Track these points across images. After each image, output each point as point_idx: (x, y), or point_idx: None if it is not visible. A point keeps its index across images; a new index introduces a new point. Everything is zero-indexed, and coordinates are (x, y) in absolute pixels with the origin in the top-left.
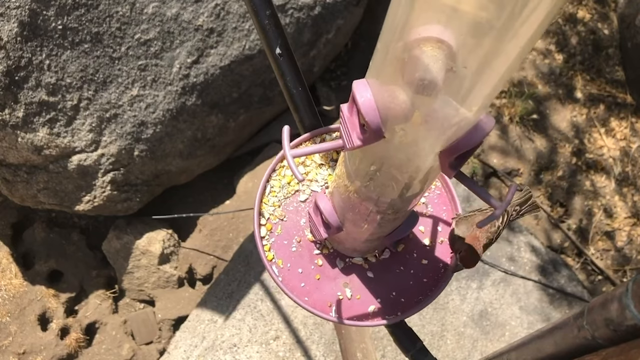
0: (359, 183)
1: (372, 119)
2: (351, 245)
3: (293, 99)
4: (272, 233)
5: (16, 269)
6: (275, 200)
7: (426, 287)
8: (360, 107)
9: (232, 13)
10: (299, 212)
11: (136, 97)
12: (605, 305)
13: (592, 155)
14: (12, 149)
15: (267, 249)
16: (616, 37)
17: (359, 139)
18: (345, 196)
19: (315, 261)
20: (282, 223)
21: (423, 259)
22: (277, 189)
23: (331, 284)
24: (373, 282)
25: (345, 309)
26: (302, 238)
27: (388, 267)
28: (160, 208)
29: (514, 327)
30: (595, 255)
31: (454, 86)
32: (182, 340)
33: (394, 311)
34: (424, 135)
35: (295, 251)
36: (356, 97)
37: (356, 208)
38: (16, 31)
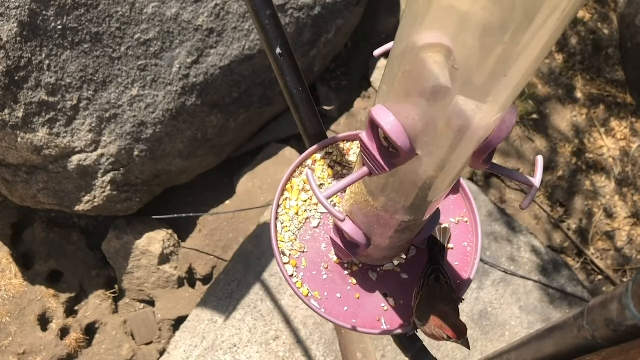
0: (384, 198)
1: (403, 142)
2: (379, 255)
3: (293, 98)
4: (298, 268)
5: (16, 269)
6: (290, 234)
7: (460, 270)
8: (389, 133)
9: (232, 13)
10: (317, 239)
11: (136, 97)
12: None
13: (592, 156)
14: (12, 149)
15: (299, 285)
16: (616, 37)
17: (387, 164)
18: (369, 211)
19: (349, 281)
20: (304, 255)
21: (448, 245)
22: (287, 223)
23: (372, 298)
24: (410, 282)
25: (394, 317)
26: (329, 263)
27: (418, 262)
28: (160, 208)
29: (514, 327)
30: (595, 255)
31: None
32: (182, 340)
33: None
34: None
35: (327, 278)
36: (381, 123)
37: (383, 221)
38: (16, 31)
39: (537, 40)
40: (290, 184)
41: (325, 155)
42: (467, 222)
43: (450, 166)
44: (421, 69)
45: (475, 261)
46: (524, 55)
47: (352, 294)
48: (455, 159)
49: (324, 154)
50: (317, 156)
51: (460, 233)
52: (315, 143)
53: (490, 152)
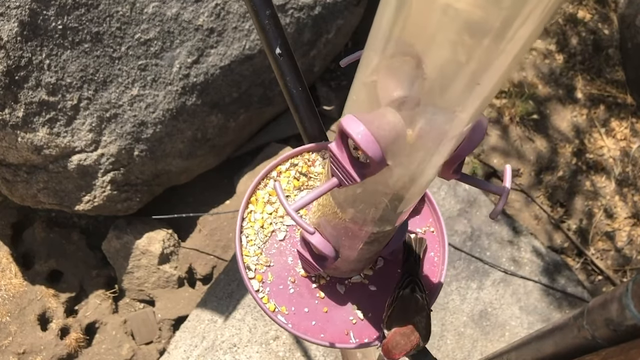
0: (352, 209)
1: (374, 152)
2: (347, 267)
3: (293, 99)
4: (264, 283)
5: (16, 268)
6: (255, 248)
7: (428, 280)
8: (359, 143)
9: (232, 13)
10: (283, 252)
11: (136, 97)
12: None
13: (593, 156)
14: (12, 149)
15: (266, 300)
16: (616, 37)
17: (358, 174)
18: (337, 223)
19: (317, 295)
20: (270, 269)
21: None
22: (252, 236)
23: (340, 312)
24: (378, 294)
25: (363, 330)
26: (296, 277)
27: (386, 274)
28: (160, 208)
29: (514, 327)
30: (595, 255)
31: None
32: (182, 340)
33: None
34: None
35: (294, 292)
36: (351, 133)
37: (351, 233)
38: (16, 31)
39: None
40: (255, 196)
41: (290, 167)
42: (433, 232)
43: (420, 177)
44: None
45: (443, 271)
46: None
47: (320, 308)
48: (425, 169)
49: (288, 165)
50: (282, 167)
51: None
52: (315, 143)
53: (460, 163)
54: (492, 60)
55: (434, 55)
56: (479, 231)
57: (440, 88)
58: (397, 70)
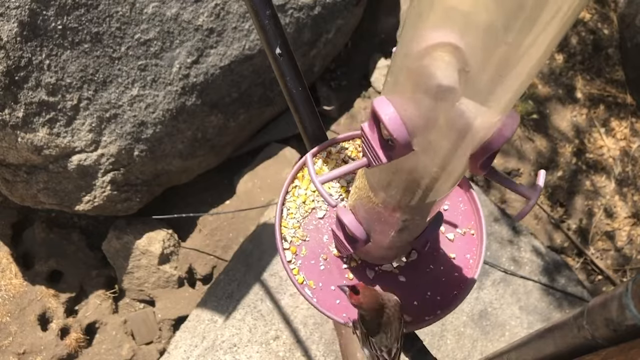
0: (384, 194)
1: (400, 134)
2: (379, 253)
3: (293, 99)
4: (297, 255)
5: (16, 269)
6: (294, 222)
7: (459, 281)
8: (387, 124)
9: (232, 13)
10: (320, 230)
11: (136, 97)
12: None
13: (592, 156)
14: (12, 149)
15: (296, 272)
16: (616, 37)
17: (385, 155)
18: (370, 207)
19: (345, 276)
20: (305, 243)
21: (450, 254)
22: (293, 210)
23: None
24: (406, 286)
25: None
26: (328, 255)
27: (418, 268)
28: (160, 208)
29: (514, 327)
30: (595, 255)
31: (473, 88)
32: (182, 340)
33: (433, 310)
34: (452, 140)
35: (324, 269)
36: (380, 114)
37: (383, 218)
38: (16, 31)
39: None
40: (302, 172)
41: (340, 150)
42: (473, 234)
43: (448, 167)
44: (429, 67)
45: (476, 274)
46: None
47: None
48: (454, 159)
49: (339, 148)
50: (333, 149)
51: (464, 245)
52: (315, 143)
53: (489, 157)
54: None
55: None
56: None
57: (475, 80)
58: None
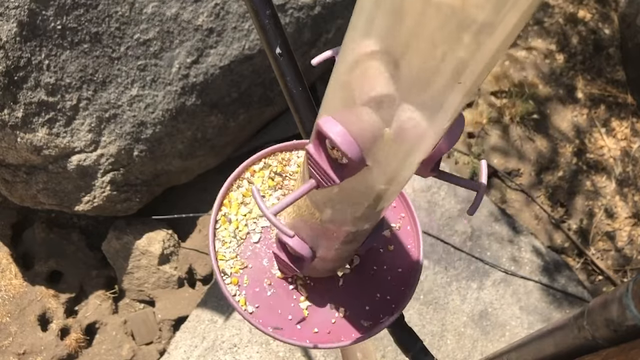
0: (330, 210)
1: (353, 152)
2: (323, 267)
3: (293, 99)
4: (240, 286)
5: (16, 269)
6: (230, 252)
7: (405, 276)
8: (338, 143)
9: (231, 13)
10: (258, 254)
11: (135, 97)
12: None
13: (593, 156)
14: (11, 149)
15: (243, 302)
16: (617, 37)
17: (337, 176)
18: (313, 224)
19: (293, 297)
20: (246, 271)
21: (390, 251)
22: (227, 239)
23: (320, 312)
24: (355, 292)
25: (342, 329)
26: (272, 279)
27: (363, 272)
28: (160, 208)
29: (514, 327)
30: (595, 255)
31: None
32: (182, 340)
33: (387, 311)
34: (401, 150)
35: (271, 294)
36: (328, 134)
37: (329, 233)
38: (15, 31)
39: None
40: (228, 198)
41: (264, 167)
42: (408, 229)
43: (399, 175)
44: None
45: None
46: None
47: (300, 310)
48: (403, 168)
49: (262, 165)
50: (256, 167)
51: (402, 239)
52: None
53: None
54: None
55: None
56: (479, 231)
57: (419, 86)
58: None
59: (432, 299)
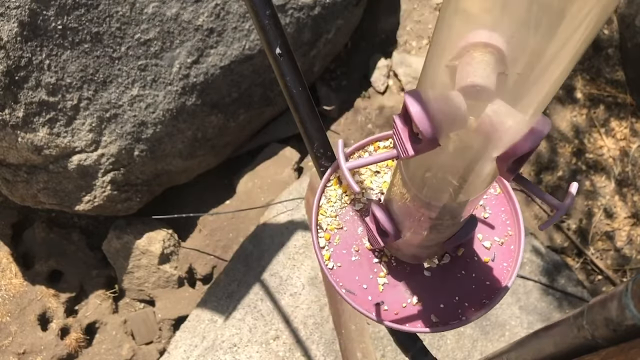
0: (414, 190)
1: (426, 129)
2: (409, 251)
3: (293, 99)
4: (330, 243)
5: (16, 268)
6: (332, 210)
7: (490, 289)
8: (414, 117)
9: (232, 13)
10: (356, 221)
11: (136, 97)
12: (604, 305)
13: (592, 156)
14: (12, 149)
15: (327, 257)
16: (616, 37)
17: (412, 148)
18: (402, 203)
19: (374, 270)
20: (339, 232)
21: (484, 262)
22: (333, 199)
23: (394, 293)
24: (436, 287)
25: (410, 316)
26: (360, 247)
27: (449, 271)
28: (160, 208)
29: (514, 327)
30: (595, 255)
31: (507, 90)
32: (182, 340)
33: (457, 315)
34: (480, 141)
35: (355, 261)
36: (408, 107)
37: (413, 215)
38: (16, 31)
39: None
40: None
41: (389, 146)
42: (512, 248)
43: (476, 168)
44: (468, 66)
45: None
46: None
47: (376, 283)
48: (480, 161)
49: (388, 143)
50: (381, 144)
51: (500, 255)
52: (316, 143)
53: (516, 162)
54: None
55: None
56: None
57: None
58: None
59: None
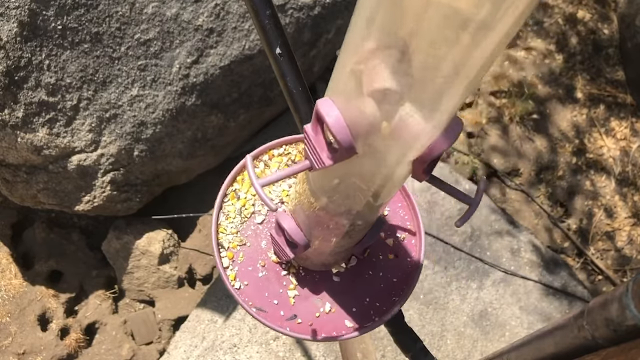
0: (326, 199)
1: (344, 137)
2: (319, 260)
3: (293, 99)
4: (234, 262)
5: (16, 269)
6: (232, 227)
7: (398, 287)
8: (330, 127)
9: (232, 13)
10: (259, 235)
11: (136, 97)
12: (605, 305)
13: (592, 155)
14: (11, 149)
15: (232, 277)
16: (616, 37)
17: (329, 158)
18: (311, 213)
19: (283, 283)
20: (243, 249)
21: (389, 260)
22: (232, 214)
23: (306, 303)
24: (346, 292)
25: (324, 325)
26: (266, 261)
27: (357, 274)
28: (160, 208)
29: (514, 327)
30: (595, 255)
31: (418, 93)
32: (182, 340)
33: (370, 317)
34: (395, 145)
35: (263, 276)
36: (323, 116)
37: (324, 223)
38: (16, 31)
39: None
40: (242, 175)
41: (283, 153)
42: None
43: (392, 172)
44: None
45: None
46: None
47: (287, 297)
48: (397, 165)
49: (282, 150)
50: (275, 152)
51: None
52: None
53: (430, 163)
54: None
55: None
56: (479, 231)
57: (421, 84)
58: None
59: (432, 298)
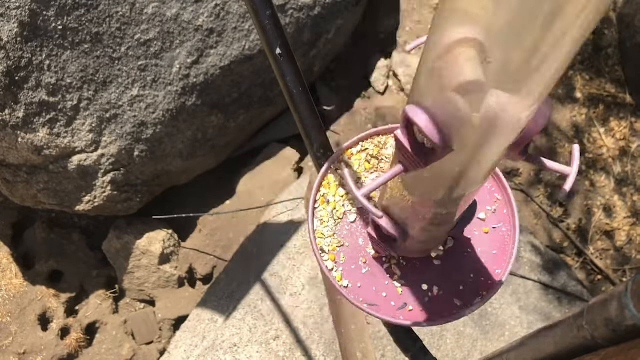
0: (419, 192)
1: (439, 138)
2: (417, 248)
3: (293, 99)
4: (337, 263)
5: (16, 269)
6: (328, 230)
7: (500, 258)
8: (425, 130)
9: (232, 13)
10: (354, 233)
11: (136, 97)
12: (604, 305)
13: (592, 155)
14: (12, 150)
15: (339, 278)
16: (615, 37)
17: (424, 161)
18: (404, 206)
19: (387, 275)
20: (343, 250)
21: (485, 234)
22: (325, 218)
23: (413, 290)
24: (449, 272)
25: (435, 307)
26: (367, 257)
27: (457, 254)
28: (160, 208)
29: (514, 327)
30: (594, 254)
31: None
32: (182, 340)
33: (478, 292)
34: (489, 135)
35: (367, 272)
36: (414, 120)
37: (418, 214)
38: (16, 31)
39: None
40: (327, 179)
41: (361, 150)
42: (505, 212)
43: (485, 160)
44: (454, 65)
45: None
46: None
47: (393, 288)
48: (490, 152)
49: (359, 148)
50: (353, 150)
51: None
52: (316, 143)
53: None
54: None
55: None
56: None
57: (504, 70)
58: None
59: None
